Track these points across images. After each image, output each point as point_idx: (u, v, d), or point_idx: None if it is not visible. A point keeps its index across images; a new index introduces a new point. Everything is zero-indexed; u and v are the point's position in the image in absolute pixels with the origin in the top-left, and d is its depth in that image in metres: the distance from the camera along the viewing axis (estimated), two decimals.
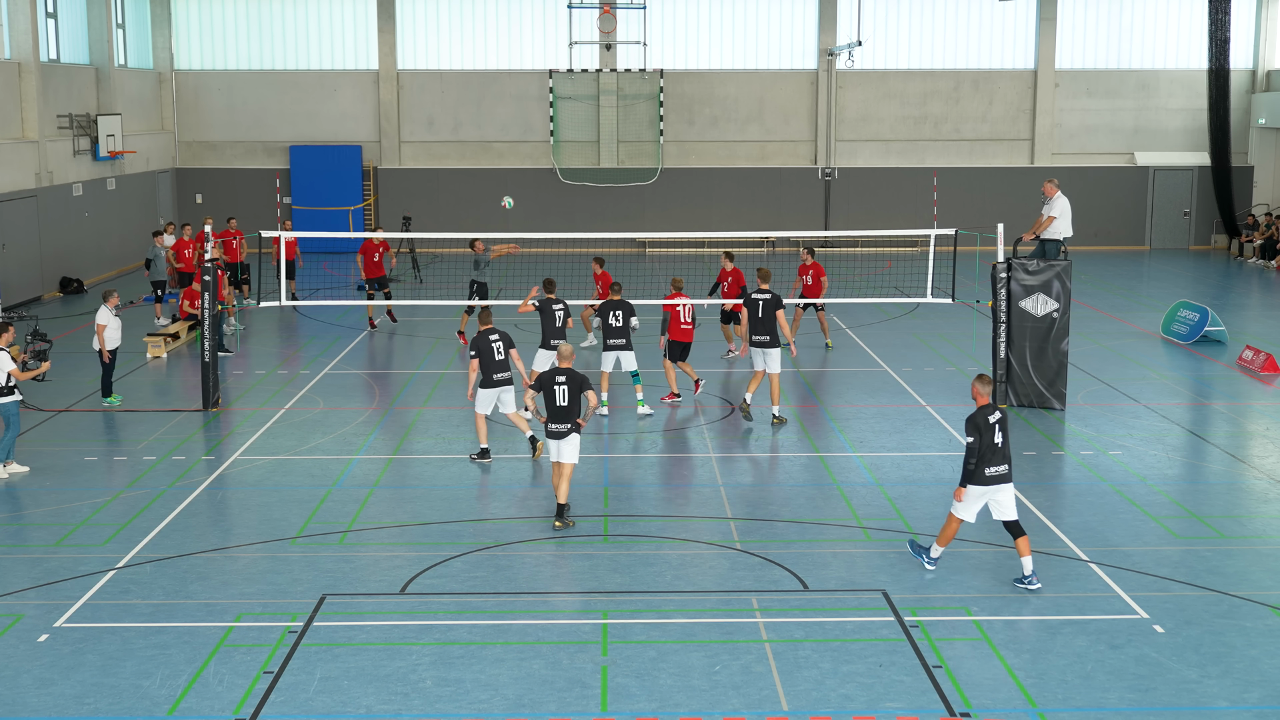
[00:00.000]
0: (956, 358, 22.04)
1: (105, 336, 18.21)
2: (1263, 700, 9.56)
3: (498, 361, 15.40)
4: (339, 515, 13.76)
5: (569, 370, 13.41)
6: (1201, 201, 38.43)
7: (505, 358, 15.45)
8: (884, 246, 37.78)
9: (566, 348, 13.73)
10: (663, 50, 38.05)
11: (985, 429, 11.50)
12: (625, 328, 17.62)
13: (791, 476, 15.49)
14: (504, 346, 15.45)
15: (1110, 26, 38.40)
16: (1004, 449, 11.61)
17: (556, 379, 13.30)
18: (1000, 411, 11.72)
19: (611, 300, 17.75)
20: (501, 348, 15.43)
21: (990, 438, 11.52)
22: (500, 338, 15.45)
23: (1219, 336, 22.97)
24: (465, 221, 36.67)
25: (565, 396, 13.27)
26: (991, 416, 11.59)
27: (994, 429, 11.56)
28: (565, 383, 13.28)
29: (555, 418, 13.32)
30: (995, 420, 11.60)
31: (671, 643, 10.50)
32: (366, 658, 10.23)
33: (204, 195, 37.63)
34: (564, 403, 13.27)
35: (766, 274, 17.55)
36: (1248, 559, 12.46)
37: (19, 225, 27.80)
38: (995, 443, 11.54)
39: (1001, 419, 11.65)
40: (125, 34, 34.97)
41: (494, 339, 15.41)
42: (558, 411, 13.30)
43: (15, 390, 15.17)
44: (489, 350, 15.37)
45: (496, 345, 15.40)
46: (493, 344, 15.38)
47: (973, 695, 9.59)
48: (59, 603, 11.29)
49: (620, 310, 17.64)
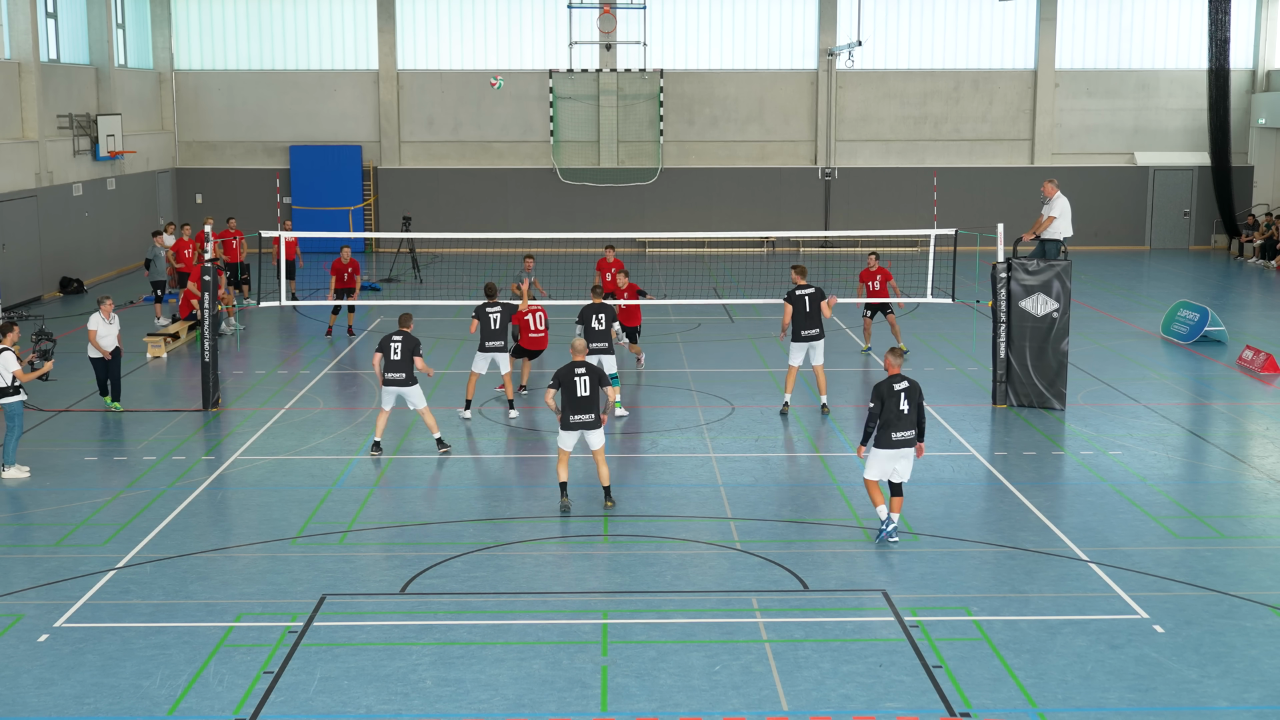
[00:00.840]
0: (956, 358, 22.04)
1: (98, 341, 18.10)
2: (1263, 700, 9.56)
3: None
4: (339, 515, 13.76)
5: (586, 363, 13.75)
6: (1201, 201, 38.43)
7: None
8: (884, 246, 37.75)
9: (580, 342, 14.18)
10: (663, 50, 38.06)
11: (889, 396, 12.39)
12: (607, 331, 17.73)
13: (791, 476, 15.49)
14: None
15: (1110, 26, 38.40)
16: (910, 416, 12.43)
17: (576, 371, 13.63)
18: (909, 382, 12.49)
19: (594, 304, 17.83)
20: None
21: (895, 405, 12.37)
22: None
23: (1219, 336, 22.97)
24: (465, 221, 36.70)
25: (587, 387, 13.61)
26: (897, 385, 12.43)
27: (899, 396, 12.40)
28: (585, 374, 13.63)
29: (579, 409, 13.60)
30: (901, 389, 12.41)
31: (671, 643, 10.50)
32: (366, 658, 10.23)
33: (204, 195, 37.63)
34: (586, 393, 13.61)
35: (804, 270, 18.12)
36: (1248, 559, 12.46)
37: (19, 225, 27.81)
38: (900, 410, 12.39)
39: (909, 389, 12.43)
40: (125, 34, 34.98)
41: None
42: (580, 402, 13.61)
43: (20, 390, 15.16)
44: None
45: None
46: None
47: (973, 695, 9.59)
48: (59, 603, 11.29)
49: (603, 314, 17.72)
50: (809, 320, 17.71)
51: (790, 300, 17.74)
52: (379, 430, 16.15)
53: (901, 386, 12.42)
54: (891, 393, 12.39)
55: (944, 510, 13.90)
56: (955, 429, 17.26)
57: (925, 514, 13.75)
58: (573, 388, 13.59)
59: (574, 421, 13.64)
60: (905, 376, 12.56)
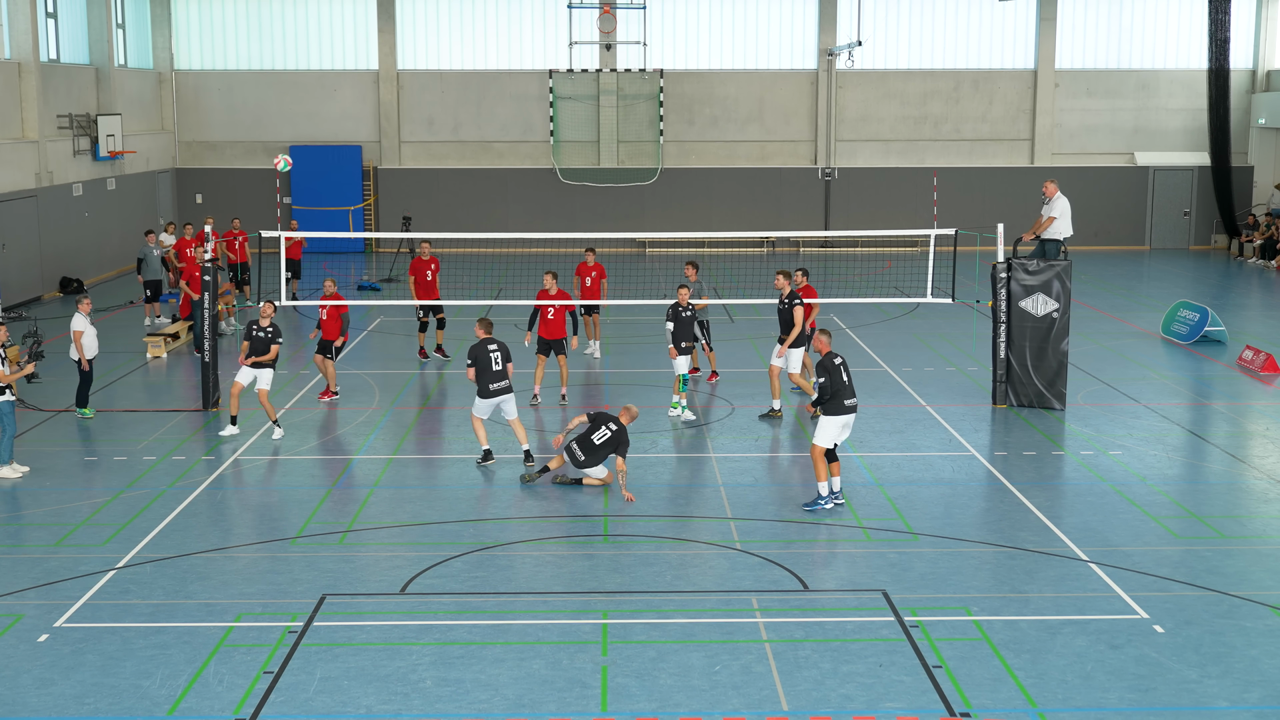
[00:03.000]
0: (956, 358, 22.04)
1: (83, 344, 17.74)
2: (1263, 700, 9.56)
3: (494, 372, 15.23)
4: (339, 515, 13.76)
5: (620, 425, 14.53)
6: (1201, 201, 38.43)
7: (502, 369, 15.30)
8: (884, 246, 37.79)
9: (635, 410, 14.94)
10: (663, 50, 38.06)
11: (834, 370, 13.57)
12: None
13: (792, 476, 15.49)
14: (501, 358, 15.34)
15: (1110, 26, 38.41)
16: (851, 385, 13.74)
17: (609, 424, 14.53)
18: (841, 357, 13.78)
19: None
20: (499, 359, 15.31)
21: (840, 377, 13.60)
22: (499, 349, 15.36)
23: (1219, 336, 22.98)
24: (465, 221, 36.70)
25: (601, 438, 14.50)
26: (836, 360, 13.69)
27: (840, 370, 13.64)
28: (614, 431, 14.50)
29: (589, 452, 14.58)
30: (840, 363, 13.69)
31: (671, 643, 10.50)
32: (366, 658, 10.23)
33: (204, 195, 37.64)
34: (600, 443, 14.50)
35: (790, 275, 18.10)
36: (1248, 559, 12.47)
37: (19, 225, 27.81)
38: (845, 381, 13.64)
39: (844, 362, 13.76)
40: (125, 34, 34.98)
41: (493, 349, 15.31)
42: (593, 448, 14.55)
43: (7, 390, 15.05)
44: (486, 360, 15.25)
45: (495, 355, 15.29)
46: (490, 354, 15.28)
47: (973, 695, 9.59)
48: (59, 603, 11.29)
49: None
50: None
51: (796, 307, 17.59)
52: (482, 438, 15.54)
53: (839, 361, 13.69)
54: (835, 367, 13.58)
55: (944, 510, 13.90)
56: (955, 429, 17.27)
57: (925, 514, 13.75)
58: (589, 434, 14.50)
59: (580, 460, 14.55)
60: (837, 353, 13.83)
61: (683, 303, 18.14)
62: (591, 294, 21.48)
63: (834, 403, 13.52)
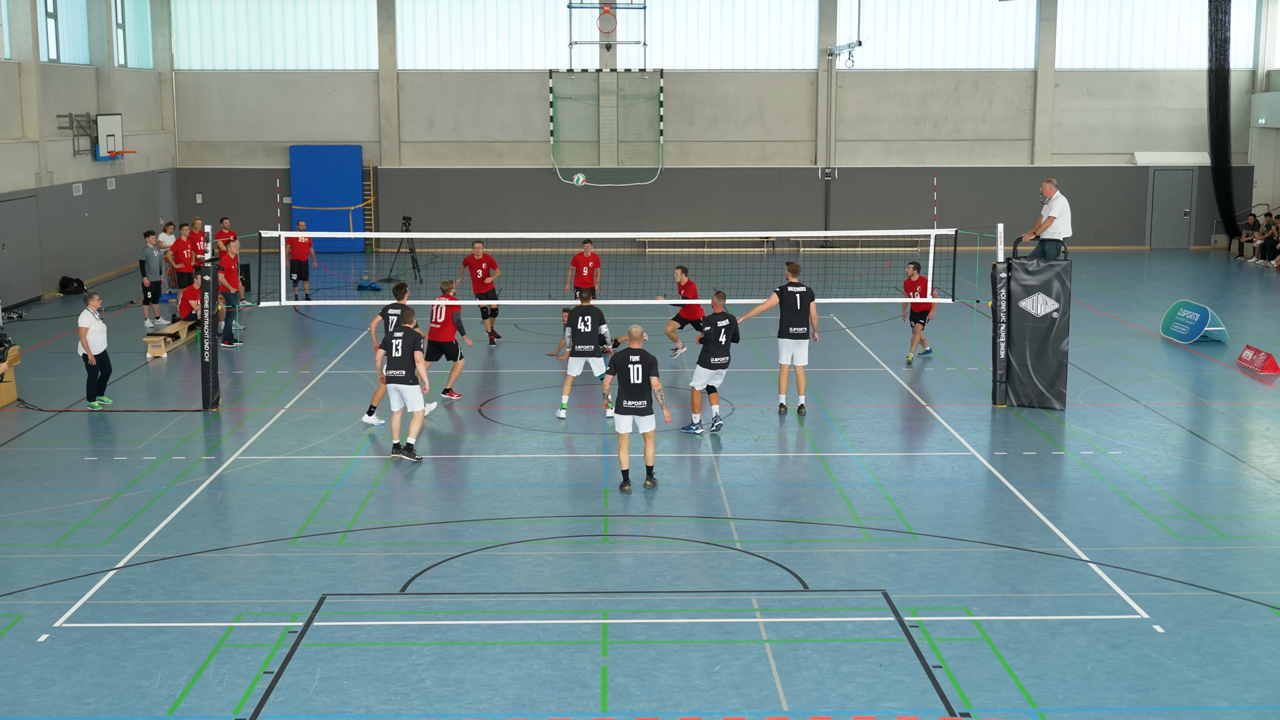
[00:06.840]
0: (956, 358, 22.04)
1: (89, 340, 17.91)
2: (1263, 700, 9.56)
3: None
4: (339, 515, 13.76)
5: (640, 351, 14.48)
6: (1201, 201, 38.44)
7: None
8: (884, 246, 37.79)
9: (637, 329, 14.76)
10: (663, 50, 38.06)
11: (713, 330, 16.49)
12: (594, 333, 17.74)
13: (791, 476, 15.49)
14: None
15: (1110, 26, 38.41)
16: (725, 346, 16.53)
17: (630, 359, 14.38)
18: (729, 319, 16.50)
19: (582, 306, 17.83)
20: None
21: (715, 337, 16.48)
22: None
23: (1219, 336, 22.97)
24: (465, 221, 36.69)
25: (640, 375, 14.37)
26: (720, 323, 16.52)
27: (720, 331, 16.48)
28: (639, 362, 14.40)
29: (632, 395, 14.41)
30: (723, 325, 16.47)
31: (671, 643, 10.50)
32: (366, 658, 10.23)
33: (204, 195, 37.64)
34: (638, 380, 14.39)
35: (797, 268, 18.11)
36: (1248, 559, 12.46)
37: (19, 225, 27.81)
38: (720, 342, 16.50)
39: (729, 325, 16.49)
40: (125, 34, 34.98)
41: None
42: (634, 389, 14.38)
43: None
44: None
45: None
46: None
47: (973, 695, 9.59)
48: (59, 603, 11.29)
49: (590, 316, 17.71)
50: (797, 318, 17.69)
51: (780, 294, 17.75)
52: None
53: (724, 324, 16.52)
54: (714, 328, 16.48)
55: (944, 510, 13.90)
56: (955, 429, 17.27)
57: (925, 514, 13.75)
58: (626, 375, 14.38)
59: (626, 406, 14.43)
60: (727, 315, 16.62)
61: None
62: (588, 282, 22.46)
63: (705, 356, 16.54)
